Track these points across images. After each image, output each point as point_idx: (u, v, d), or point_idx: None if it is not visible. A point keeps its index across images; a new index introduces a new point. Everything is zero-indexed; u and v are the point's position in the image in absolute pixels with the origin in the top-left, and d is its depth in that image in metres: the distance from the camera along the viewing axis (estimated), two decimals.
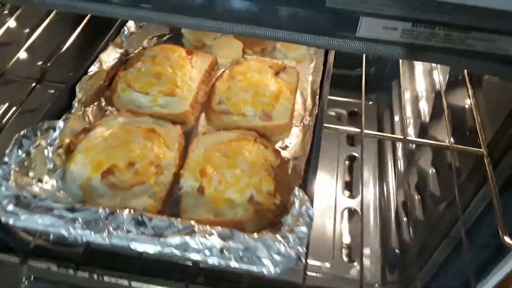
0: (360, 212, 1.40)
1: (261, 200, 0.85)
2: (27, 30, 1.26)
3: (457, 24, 0.58)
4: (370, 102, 1.69)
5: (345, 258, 1.29)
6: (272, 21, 0.62)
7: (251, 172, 0.88)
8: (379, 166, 1.55)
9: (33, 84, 1.11)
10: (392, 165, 1.54)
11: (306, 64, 1.21)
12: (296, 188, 0.80)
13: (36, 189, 0.81)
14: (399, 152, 1.52)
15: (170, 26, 1.26)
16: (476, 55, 0.60)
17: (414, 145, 1.44)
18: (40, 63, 1.35)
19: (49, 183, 0.85)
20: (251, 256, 0.68)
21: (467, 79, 1.07)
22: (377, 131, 1.58)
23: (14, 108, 1.22)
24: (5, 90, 1.14)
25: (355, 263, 1.28)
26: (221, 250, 0.69)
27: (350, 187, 1.50)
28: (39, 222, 0.71)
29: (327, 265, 1.26)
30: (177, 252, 0.69)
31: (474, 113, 1.01)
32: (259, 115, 1.02)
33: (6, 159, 0.79)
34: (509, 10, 0.54)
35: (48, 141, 0.87)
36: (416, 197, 1.30)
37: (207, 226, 0.72)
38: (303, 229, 0.72)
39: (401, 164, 1.50)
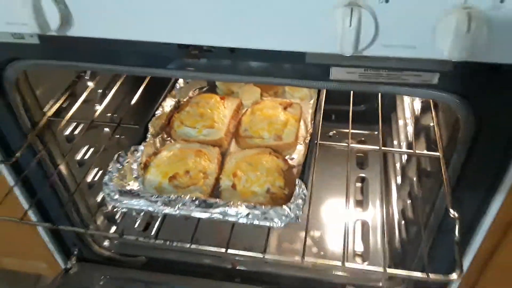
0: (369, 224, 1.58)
1: (275, 191, 1.15)
2: (100, 90, 1.55)
3: (392, 67, 0.79)
4: (375, 132, 1.88)
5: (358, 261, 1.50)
6: (277, 73, 0.85)
7: (267, 174, 1.18)
8: (384, 182, 1.72)
9: (115, 127, 1.50)
10: (395, 178, 1.78)
11: (307, 101, 1.58)
12: (297, 180, 1.20)
13: (128, 188, 1.25)
14: (398, 166, 1.77)
15: (208, 81, 1.68)
16: (410, 85, 0.81)
17: (405, 158, 1.71)
18: (109, 114, 1.69)
19: (135, 186, 1.28)
20: (267, 217, 1.08)
21: (431, 105, 1.36)
22: (383, 156, 1.79)
23: (93, 148, 1.57)
24: (84, 135, 1.39)
25: (366, 263, 1.50)
26: (247, 214, 1.08)
27: (361, 204, 1.69)
28: (135, 203, 1.14)
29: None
30: (220, 216, 1.09)
31: (436, 128, 1.29)
32: (272, 137, 1.33)
33: (110, 168, 1.23)
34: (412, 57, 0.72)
35: (134, 159, 1.31)
36: (408, 202, 1.50)
37: (238, 202, 1.13)
38: (300, 201, 1.10)
39: (399, 176, 1.75)
